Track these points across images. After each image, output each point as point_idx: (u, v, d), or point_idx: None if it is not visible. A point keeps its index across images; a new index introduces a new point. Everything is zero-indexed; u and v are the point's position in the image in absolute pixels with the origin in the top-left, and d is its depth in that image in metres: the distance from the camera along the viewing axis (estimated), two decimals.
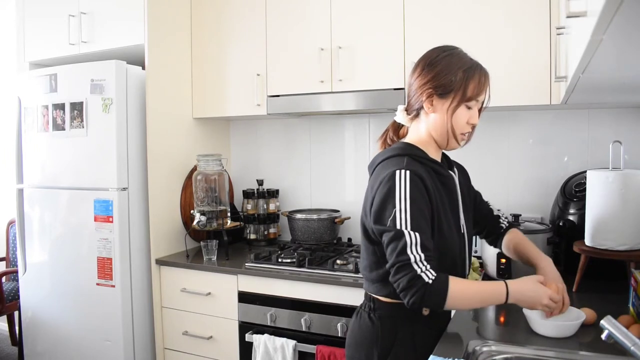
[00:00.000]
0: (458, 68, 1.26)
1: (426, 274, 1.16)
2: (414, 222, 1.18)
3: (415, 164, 1.25)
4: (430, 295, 1.15)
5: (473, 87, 1.25)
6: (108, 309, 2.40)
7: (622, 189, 1.58)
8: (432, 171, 1.30)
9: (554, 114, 2.27)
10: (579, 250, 1.70)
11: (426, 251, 1.17)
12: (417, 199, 1.19)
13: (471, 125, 1.28)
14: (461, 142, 1.31)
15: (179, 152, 2.63)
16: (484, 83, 1.27)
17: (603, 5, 0.59)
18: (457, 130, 1.28)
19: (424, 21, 2.15)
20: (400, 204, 1.19)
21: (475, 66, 1.28)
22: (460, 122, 1.27)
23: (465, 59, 1.29)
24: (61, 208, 2.53)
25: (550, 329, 1.33)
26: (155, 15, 2.45)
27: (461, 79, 1.25)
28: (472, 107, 1.27)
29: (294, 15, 2.42)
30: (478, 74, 1.26)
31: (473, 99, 1.25)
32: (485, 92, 1.28)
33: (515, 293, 1.20)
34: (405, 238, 1.17)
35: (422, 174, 1.23)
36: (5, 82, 3.69)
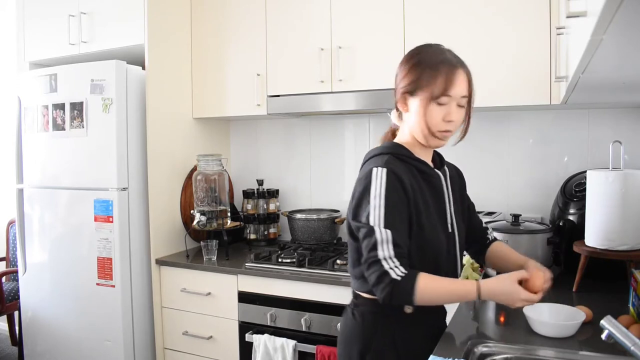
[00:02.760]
0: (425, 65, 1.25)
1: (394, 270, 1.16)
2: (387, 219, 1.18)
3: (396, 163, 1.25)
4: (397, 292, 1.16)
5: (440, 83, 1.22)
6: (108, 309, 2.40)
7: (622, 189, 1.58)
8: (416, 170, 1.29)
9: (554, 114, 2.27)
10: (579, 250, 1.70)
11: (397, 248, 1.18)
12: (392, 196, 1.20)
13: (449, 122, 1.25)
14: (443, 139, 1.28)
15: (179, 152, 2.63)
16: (452, 78, 1.23)
17: (603, 5, 0.59)
18: (433, 129, 1.25)
19: (424, 21, 2.15)
20: (374, 200, 1.20)
21: (444, 62, 1.24)
22: (433, 120, 1.24)
23: (435, 55, 1.26)
24: (61, 208, 2.53)
25: (550, 329, 1.33)
26: (155, 15, 2.45)
27: (428, 76, 1.23)
28: (446, 104, 1.23)
29: (294, 15, 2.42)
30: (445, 70, 1.23)
31: (443, 95, 1.22)
32: (457, 87, 1.23)
33: (487, 293, 1.18)
34: (376, 235, 1.18)
35: (400, 172, 1.23)
36: (5, 82, 3.69)
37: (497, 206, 2.36)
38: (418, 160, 1.30)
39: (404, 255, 1.19)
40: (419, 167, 1.30)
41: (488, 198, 2.39)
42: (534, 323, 1.37)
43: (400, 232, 1.20)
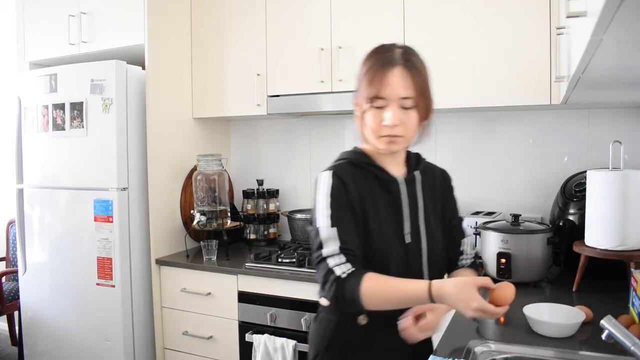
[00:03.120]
0: (363, 68, 1.19)
1: (339, 267, 1.10)
2: (333, 218, 1.13)
3: (348, 168, 1.20)
4: (342, 292, 1.08)
5: (371, 84, 1.14)
6: (108, 309, 2.40)
7: (622, 189, 1.58)
8: (373, 175, 1.21)
9: (554, 114, 2.27)
10: (579, 250, 1.70)
11: (344, 244, 1.12)
12: (336, 198, 1.15)
13: (392, 126, 1.14)
14: (392, 144, 1.17)
15: (179, 152, 2.63)
16: (382, 79, 1.13)
17: (603, 5, 0.59)
18: (372, 133, 1.17)
19: (423, 21, 2.15)
20: (320, 204, 1.16)
21: (378, 62, 1.16)
22: (371, 123, 1.16)
23: (374, 56, 1.19)
24: (61, 208, 2.53)
25: (550, 329, 1.33)
26: (155, 16, 2.45)
27: (361, 77, 1.18)
28: (384, 107, 1.14)
29: (294, 15, 2.42)
30: (374, 70, 1.15)
31: (376, 97, 1.14)
32: (390, 87, 1.13)
33: (440, 294, 1.03)
34: (322, 234, 1.13)
35: (345, 176, 1.18)
36: (5, 82, 3.69)
37: (497, 206, 2.36)
38: (373, 166, 1.22)
39: (353, 252, 1.12)
40: (375, 173, 1.22)
41: (488, 198, 2.39)
42: (534, 323, 1.37)
43: (347, 230, 1.14)
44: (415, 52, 1.21)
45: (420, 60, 1.19)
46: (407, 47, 1.21)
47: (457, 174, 2.40)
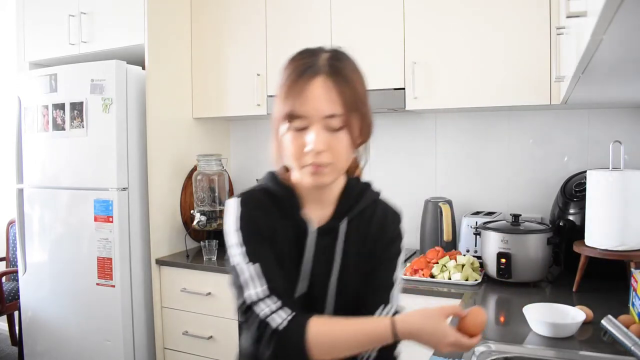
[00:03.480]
0: (280, 75, 0.95)
1: (276, 315, 0.88)
2: (250, 252, 0.94)
3: (261, 197, 1.00)
4: (284, 345, 0.87)
5: (286, 99, 0.90)
6: (108, 309, 2.40)
7: (622, 189, 1.58)
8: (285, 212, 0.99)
9: (554, 114, 2.27)
10: (579, 250, 1.70)
11: (271, 282, 0.91)
12: (248, 230, 0.95)
13: (317, 153, 0.89)
14: (316, 175, 0.91)
15: (179, 152, 2.63)
16: (300, 92, 0.89)
17: (603, 5, 0.58)
18: (293, 162, 0.93)
19: (424, 21, 2.14)
20: (232, 236, 0.96)
21: (296, 69, 0.92)
22: (289, 147, 0.92)
23: (295, 61, 0.95)
24: (61, 208, 2.53)
25: (550, 329, 1.33)
26: (155, 16, 2.45)
27: (278, 89, 0.94)
28: (304, 128, 0.89)
29: (294, 15, 2.42)
30: (291, 80, 0.91)
31: (294, 116, 0.89)
32: (311, 102, 0.88)
33: (405, 331, 0.88)
34: (242, 273, 0.93)
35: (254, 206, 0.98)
36: (5, 82, 3.69)
37: (497, 206, 2.36)
38: (288, 201, 0.99)
39: (282, 292, 0.91)
40: (286, 211, 0.99)
41: (488, 198, 2.39)
42: (534, 323, 1.37)
43: (270, 265, 0.93)
44: (346, 55, 0.98)
45: (351, 65, 0.96)
46: (336, 51, 0.98)
47: (457, 174, 2.43)
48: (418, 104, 2.16)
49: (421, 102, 2.16)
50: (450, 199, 2.28)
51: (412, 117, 2.50)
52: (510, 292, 1.79)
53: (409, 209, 2.49)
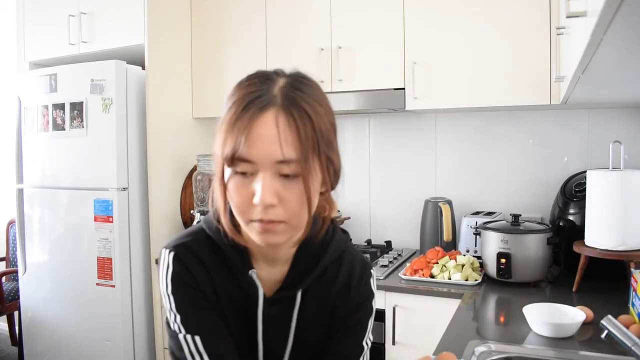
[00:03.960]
0: (224, 107, 0.76)
1: None
2: (188, 323, 0.81)
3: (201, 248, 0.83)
4: None
5: (229, 138, 0.72)
6: (108, 309, 2.40)
7: (622, 189, 1.58)
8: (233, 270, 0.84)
9: (554, 114, 2.27)
10: (579, 250, 1.70)
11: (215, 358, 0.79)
12: (183, 293, 0.81)
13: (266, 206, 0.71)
14: (261, 235, 0.74)
15: (179, 152, 2.63)
16: (245, 130, 0.70)
17: (603, 5, 0.58)
18: (238, 214, 0.75)
19: (424, 21, 2.14)
20: (166, 301, 0.82)
21: (243, 98, 0.73)
22: (234, 198, 0.74)
23: (244, 87, 0.75)
24: (61, 208, 2.53)
25: (550, 329, 1.33)
26: (155, 15, 2.45)
27: (219, 124, 0.75)
28: (250, 174, 0.72)
29: (294, 16, 2.42)
30: (236, 115, 0.72)
31: (235, 158, 0.71)
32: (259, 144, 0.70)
33: None
34: (183, 346, 0.81)
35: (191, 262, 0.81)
36: (5, 82, 3.69)
37: (497, 206, 2.36)
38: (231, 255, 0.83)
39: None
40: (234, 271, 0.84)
41: (488, 198, 2.39)
42: (534, 323, 1.37)
43: (213, 338, 0.80)
44: (308, 82, 0.78)
45: (314, 95, 0.76)
46: (296, 76, 0.77)
47: (457, 174, 2.43)
48: (418, 104, 2.16)
49: (421, 102, 2.16)
50: (450, 199, 2.28)
51: (412, 117, 2.50)
52: (510, 292, 1.79)
53: (409, 209, 2.52)
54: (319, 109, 0.75)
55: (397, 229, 2.55)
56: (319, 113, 0.75)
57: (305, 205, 0.74)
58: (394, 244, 2.52)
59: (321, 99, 0.77)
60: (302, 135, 0.71)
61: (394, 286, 1.91)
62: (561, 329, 1.32)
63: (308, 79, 0.78)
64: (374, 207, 2.61)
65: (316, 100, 0.76)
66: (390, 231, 2.57)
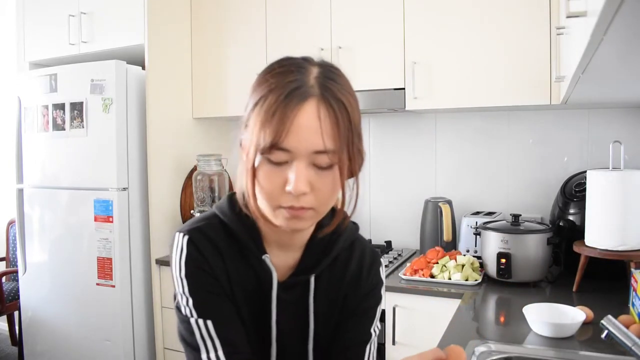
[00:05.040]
0: (254, 92, 0.76)
1: None
2: (201, 307, 0.79)
3: (216, 233, 0.83)
4: None
5: (266, 126, 0.71)
6: (108, 309, 2.40)
7: (622, 189, 1.58)
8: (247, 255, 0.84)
9: (554, 114, 2.27)
10: (579, 250, 1.70)
11: (228, 345, 0.78)
12: (197, 278, 0.80)
13: (298, 194, 0.72)
14: (288, 221, 0.75)
15: (179, 152, 2.63)
16: (285, 120, 0.70)
17: (603, 5, 0.58)
18: (266, 200, 0.75)
19: (424, 21, 2.14)
20: (178, 284, 0.82)
21: (279, 87, 0.72)
22: (265, 186, 0.74)
23: (277, 75, 0.74)
24: (61, 208, 2.53)
25: (550, 329, 1.33)
26: (155, 15, 2.45)
27: (251, 109, 0.76)
28: (285, 162, 0.72)
29: (294, 16, 2.42)
30: (273, 103, 0.71)
31: (272, 147, 0.71)
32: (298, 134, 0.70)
33: None
34: (194, 330, 0.79)
35: (205, 246, 0.81)
36: (5, 82, 3.69)
37: (497, 206, 2.36)
38: (247, 240, 0.83)
39: (246, 356, 0.79)
40: (249, 256, 0.84)
41: (488, 198, 2.39)
42: (534, 323, 1.37)
43: (226, 323, 0.79)
44: (339, 72, 0.79)
45: (346, 86, 0.78)
46: (328, 66, 0.78)
47: (457, 174, 2.43)
48: (418, 104, 2.16)
49: (421, 102, 2.16)
50: (450, 199, 2.28)
51: (412, 117, 2.50)
52: (510, 292, 1.79)
53: (409, 209, 2.52)
54: (352, 100, 0.76)
55: (397, 229, 2.55)
56: (353, 105, 0.76)
57: (335, 194, 0.76)
58: (394, 244, 2.52)
59: (352, 91, 0.78)
60: (341, 126, 0.72)
61: (394, 286, 1.91)
62: (561, 329, 1.32)
63: (338, 69, 0.79)
64: (374, 207, 2.61)
65: (348, 91, 0.77)
66: (390, 231, 2.57)
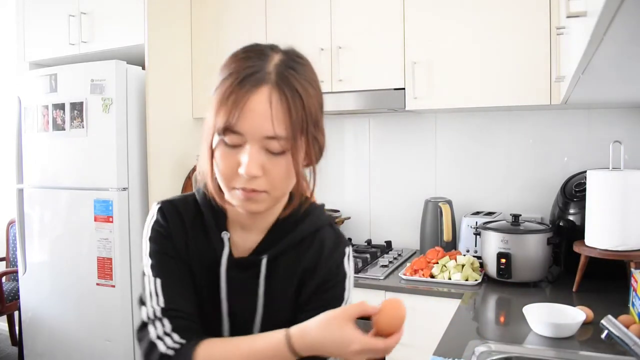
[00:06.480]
0: (217, 79, 0.79)
1: (164, 340, 0.83)
2: (154, 264, 0.86)
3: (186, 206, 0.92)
4: None
5: (221, 109, 0.74)
6: (108, 309, 2.40)
7: (622, 189, 1.58)
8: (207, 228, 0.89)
9: (554, 114, 2.27)
10: (579, 250, 1.70)
11: (169, 302, 0.83)
12: (157, 242, 0.87)
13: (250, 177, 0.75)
14: (243, 202, 0.78)
15: (179, 152, 2.63)
16: (237, 103, 0.73)
17: (603, 5, 0.59)
18: (222, 181, 0.79)
19: (423, 21, 2.15)
20: (144, 242, 0.89)
21: (237, 71, 0.75)
22: (221, 166, 0.78)
23: (238, 60, 0.78)
24: (61, 208, 2.53)
25: (550, 329, 1.33)
26: (155, 15, 2.45)
27: (213, 94, 0.78)
28: (238, 145, 0.76)
29: (294, 16, 2.42)
30: (229, 86, 0.74)
31: (227, 129, 0.74)
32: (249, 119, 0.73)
33: (305, 345, 0.76)
34: (145, 284, 0.86)
35: (172, 215, 0.89)
36: (5, 82, 3.69)
37: (497, 206, 2.36)
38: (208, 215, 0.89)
39: (181, 312, 0.83)
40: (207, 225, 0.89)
41: (488, 198, 2.39)
42: (534, 323, 1.37)
43: (173, 281, 0.85)
44: (302, 60, 0.83)
45: (307, 74, 0.81)
46: (291, 53, 0.82)
47: (457, 174, 2.43)
48: (418, 104, 2.16)
49: (421, 102, 2.16)
50: (450, 199, 2.28)
51: (412, 117, 2.50)
52: (510, 292, 1.79)
53: (409, 209, 2.52)
54: (310, 89, 0.79)
55: (397, 229, 2.55)
56: (310, 94, 0.78)
57: (289, 179, 0.79)
58: (394, 244, 2.52)
59: (313, 80, 0.81)
60: (293, 114, 0.75)
61: (394, 286, 1.91)
62: (561, 329, 1.32)
63: (302, 57, 0.82)
64: (374, 207, 2.61)
65: (308, 80, 0.79)
66: (390, 231, 2.57)
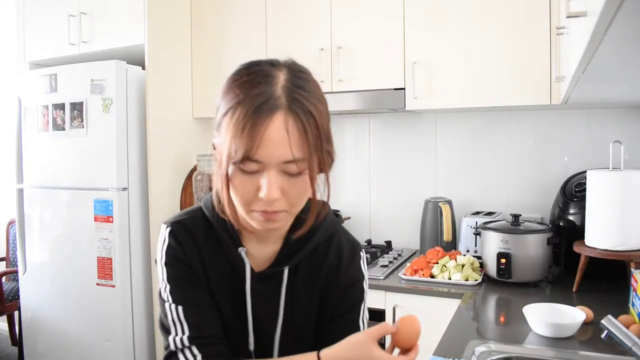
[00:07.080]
0: (223, 101, 0.80)
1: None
2: (174, 291, 0.85)
3: (197, 226, 0.89)
4: None
5: (237, 139, 0.73)
6: (108, 309, 2.40)
7: (622, 189, 1.58)
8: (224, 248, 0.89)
9: (554, 114, 2.27)
10: (579, 250, 1.70)
11: (195, 330, 0.83)
12: (174, 268, 0.86)
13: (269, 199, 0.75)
14: (262, 223, 0.79)
15: (179, 152, 2.63)
16: (254, 134, 0.72)
17: (603, 5, 0.59)
18: (240, 205, 0.79)
19: (423, 21, 2.15)
20: (159, 271, 0.88)
21: (247, 100, 0.75)
22: (239, 190, 0.77)
23: (245, 86, 0.78)
24: (61, 208, 2.53)
25: (550, 329, 1.33)
26: (155, 15, 2.45)
27: (221, 118, 0.79)
28: (255, 172, 0.75)
29: (294, 16, 2.42)
30: (242, 116, 0.73)
31: (244, 158, 0.73)
32: (267, 147, 0.73)
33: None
34: (167, 313, 0.85)
35: (185, 238, 0.87)
36: (5, 82, 3.69)
37: (497, 206, 2.36)
38: (222, 231, 0.88)
39: (208, 338, 0.83)
40: (225, 250, 0.89)
41: (488, 198, 2.39)
42: (534, 323, 1.37)
43: (196, 307, 0.85)
44: (306, 76, 0.80)
45: (314, 91, 0.78)
46: (295, 71, 0.79)
47: (457, 174, 2.43)
48: (418, 104, 2.17)
49: (421, 102, 2.16)
50: (450, 199, 2.28)
51: (412, 117, 2.50)
52: (510, 292, 1.79)
53: (409, 209, 2.52)
54: (319, 106, 0.78)
55: (397, 229, 2.55)
56: (321, 111, 0.78)
57: (306, 195, 0.80)
58: (394, 244, 2.52)
59: (320, 95, 0.80)
60: (310, 136, 0.75)
61: (394, 286, 1.91)
62: (561, 329, 1.32)
63: (304, 71, 0.80)
64: (374, 207, 2.61)
65: (317, 97, 0.78)
66: (390, 231, 2.57)
